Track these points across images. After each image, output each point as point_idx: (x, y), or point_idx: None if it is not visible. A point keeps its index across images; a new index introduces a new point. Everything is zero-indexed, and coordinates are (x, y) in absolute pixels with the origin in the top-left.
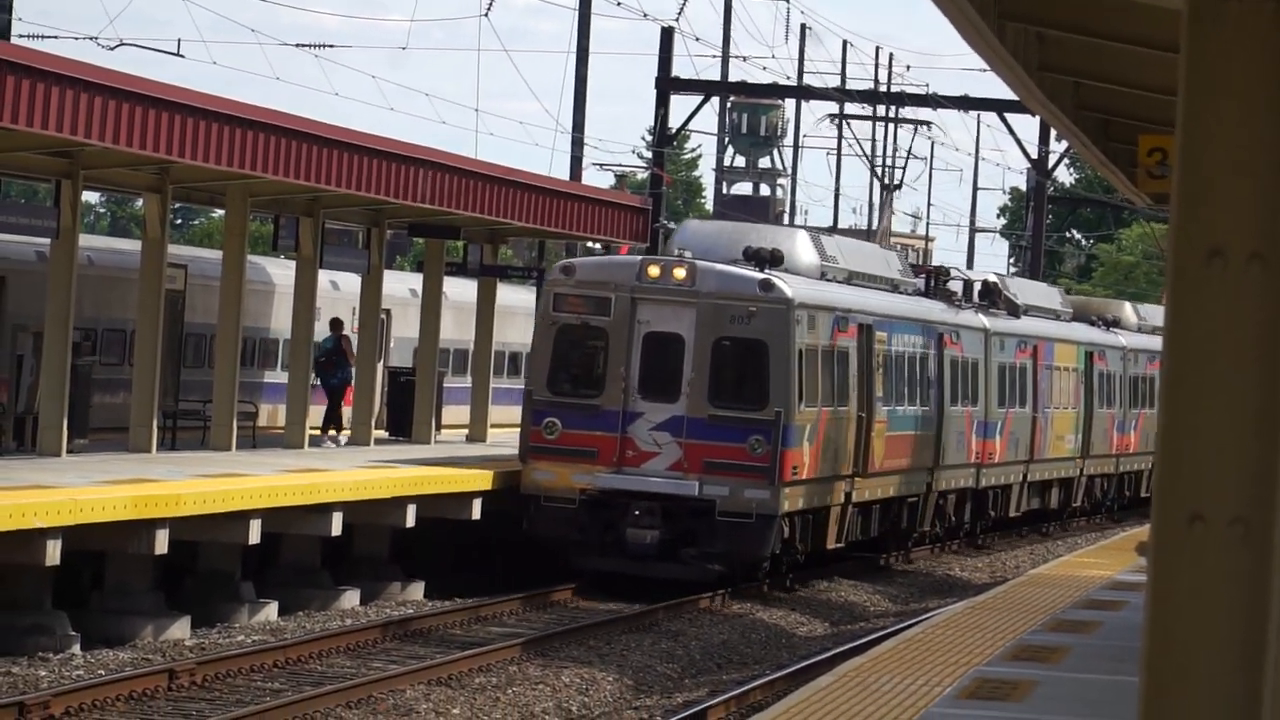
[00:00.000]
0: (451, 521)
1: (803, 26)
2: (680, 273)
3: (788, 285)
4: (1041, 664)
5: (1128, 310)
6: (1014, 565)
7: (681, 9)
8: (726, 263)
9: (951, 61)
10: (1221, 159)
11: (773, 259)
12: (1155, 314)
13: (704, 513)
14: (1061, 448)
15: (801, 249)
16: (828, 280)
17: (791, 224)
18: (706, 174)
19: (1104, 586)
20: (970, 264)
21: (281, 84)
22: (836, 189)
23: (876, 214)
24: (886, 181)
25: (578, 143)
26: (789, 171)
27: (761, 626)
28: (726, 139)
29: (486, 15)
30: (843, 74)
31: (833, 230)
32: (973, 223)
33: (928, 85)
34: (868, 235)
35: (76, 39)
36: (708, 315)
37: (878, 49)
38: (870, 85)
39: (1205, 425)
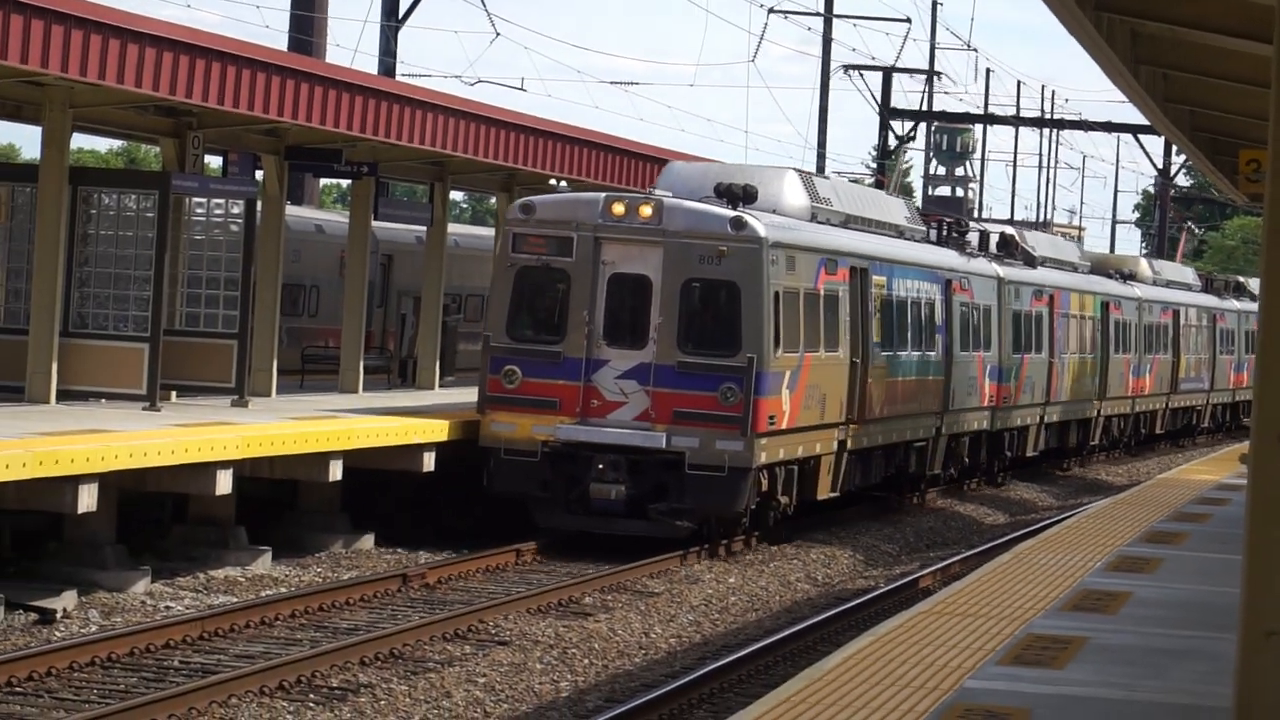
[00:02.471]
0: None
1: (988, 70)
2: (646, 210)
3: (760, 223)
4: (1168, 545)
5: (1144, 265)
6: (1146, 472)
7: (898, 56)
8: (699, 201)
9: (1099, 95)
10: None
11: (745, 196)
12: (1169, 269)
13: (673, 466)
14: (1079, 390)
15: (790, 190)
16: (819, 223)
17: (979, 219)
18: (916, 180)
19: (1214, 488)
20: (1112, 249)
21: (599, 112)
22: (1013, 190)
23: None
24: (899, 134)
25: (821, 156)
26: (977, 177)
27: (959, 517)
28: (931, 154)
29: (753, 60)
30: (1017, 105)
31: (1010, 221)
32: (1114, 216)
33: (1080, 113)
34: (1036, 227)
35: (445, 77)
36: (676, 255)
37: (1043, 86)
38: (1038, 114)
39: None
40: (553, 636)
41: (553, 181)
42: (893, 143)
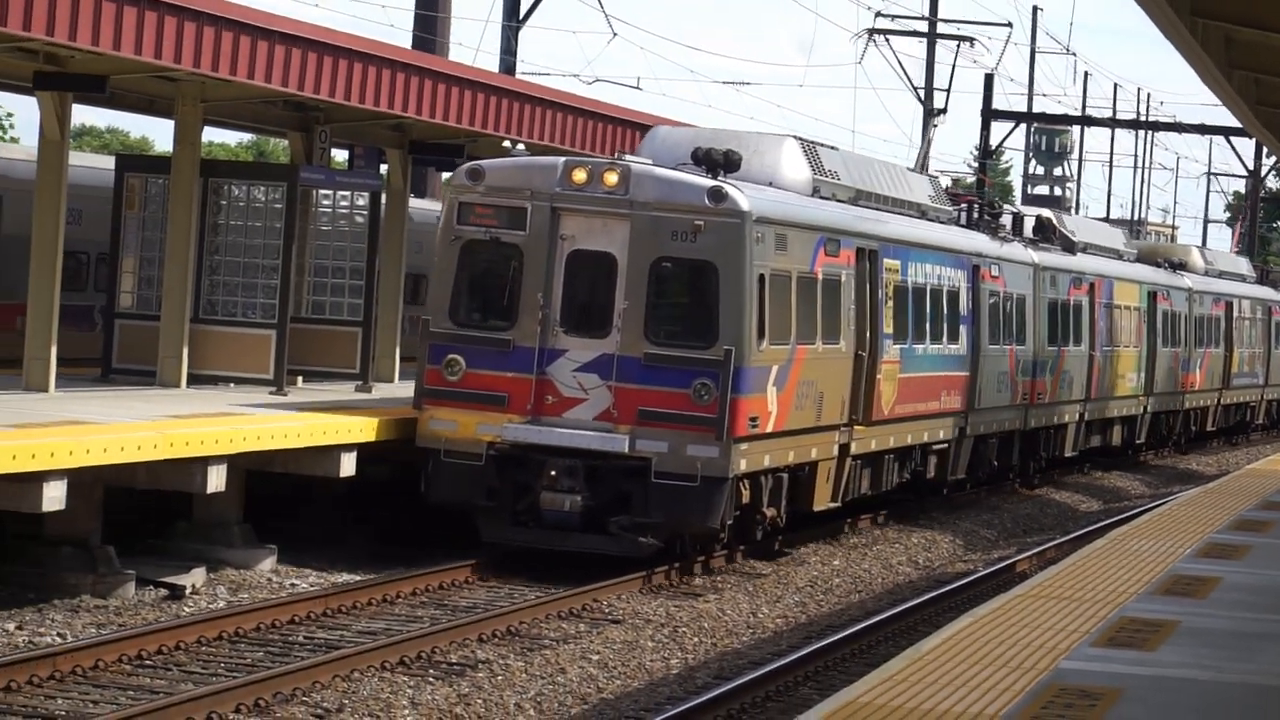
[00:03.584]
0: None
1: (1085, 73)
2: (611, 177)
3: (743, 194)
4: (1256, 533)
5: (1195, 254)
6: (1235, 462)
7: (999, 60)
8: (675, 168)
9: (1192, 98)
10: None
11: (726, 163)
12: (1222, 259)
13: (637, 473)
14: (1123, 386)
15: (788, 160)
16: (822, 198)
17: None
18: (1015, 179)
19: None
20: (1203, 245)
21: (712, 110)
22: (1109, 190)
23: (926, 144)
24: (929, 106)
25: (924, 154)
26: (1075, 177)
27: (1054, 504)
28: (1030, 154)
29: (860, 63)
30: (1114, 107)
31: (1105, 219)
32: (1206, 216)
33: (1174, 116)
34: (1131, 226)
35: (563, 76)
36: (645, 230)
37: (1139, 89)
38: (1134, 116)
39: None
40: (664, 616)
41: (506, 144)
42: (923, 117)
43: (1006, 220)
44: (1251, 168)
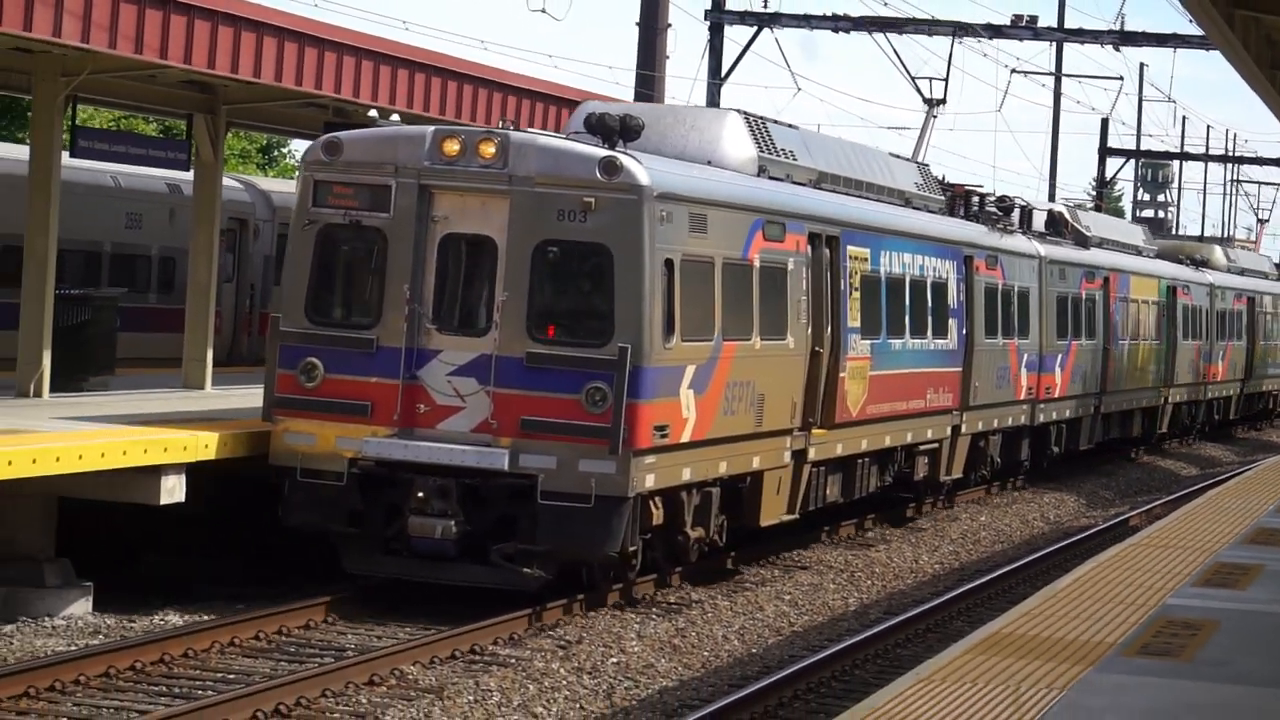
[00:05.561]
0: None
1: (1184, 117)
2: (488, 149)
3: (642, 166)
4: None
5: (1218, 252)
6: None
7: (1112, 108)
8: (566, 138)
9: (1271, 136)
10: None
11: (624, 130)
12: (1244, 257)
13: (521, 494)
14: (1142, 378)
15: (730, 137)
16: (772, 178)
17: (1176, 235)
18: (1126, 204)
19: None
20: None
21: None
22: (1203, 213)
23: (923, 138)
24: (929, 97)
25: (1052, 185)
26: (1175, 203)
27: (1161, 470)
28: (1138, 184)
29: (999, 110)
30: (1206, 145)
31: (1200, 238)
32: None
33: (1256, 151)
34: (1221, 241)
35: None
36: (527, 209)
37: (1227, 130)
38: (1223, 152)
39: None
40: (843, 563)
41: (372, 114)
42: (1107, 174)
43: (1016, 214)
44: None
